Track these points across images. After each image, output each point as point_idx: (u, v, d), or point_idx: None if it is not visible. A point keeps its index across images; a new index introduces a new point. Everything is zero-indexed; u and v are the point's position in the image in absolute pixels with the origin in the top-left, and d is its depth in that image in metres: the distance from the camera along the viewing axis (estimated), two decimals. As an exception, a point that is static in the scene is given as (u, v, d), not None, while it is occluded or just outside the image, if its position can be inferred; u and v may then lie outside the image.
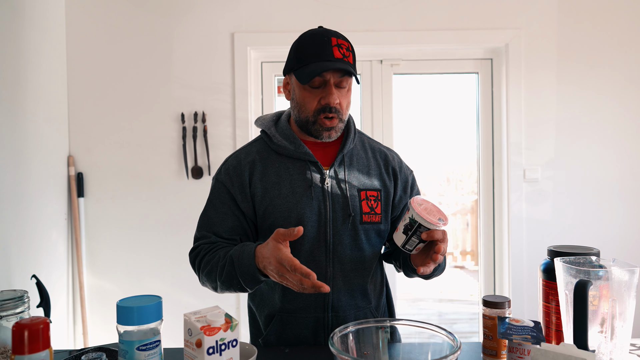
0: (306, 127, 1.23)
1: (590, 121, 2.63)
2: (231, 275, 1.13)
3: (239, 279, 1.11)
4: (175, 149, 2.58)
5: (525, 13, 2.61)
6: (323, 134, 1.21)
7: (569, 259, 1.02)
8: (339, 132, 1.24)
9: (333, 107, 1.18)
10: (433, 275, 1.27)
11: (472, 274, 5.45)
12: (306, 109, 1.21)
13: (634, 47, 2.62)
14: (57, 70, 2.50)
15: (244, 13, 2.58)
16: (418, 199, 1.10)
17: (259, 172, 1.24)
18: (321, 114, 1.19)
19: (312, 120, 1.21)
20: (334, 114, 1.19)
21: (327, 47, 1.16)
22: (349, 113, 1.28)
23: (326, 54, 1.15)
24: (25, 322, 0.71)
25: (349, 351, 0.87)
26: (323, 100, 1.18)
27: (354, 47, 1.22)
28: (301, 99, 1.21)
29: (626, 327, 0.95)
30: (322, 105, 1.18)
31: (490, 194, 2.77)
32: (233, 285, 1.14)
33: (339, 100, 1.19)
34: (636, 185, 2.64)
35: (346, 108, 1.23)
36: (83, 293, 2.52)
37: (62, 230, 2.48)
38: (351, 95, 1.25)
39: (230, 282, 1.14)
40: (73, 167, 2.54)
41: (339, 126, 1.22)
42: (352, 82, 1.23)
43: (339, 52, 1.16)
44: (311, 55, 1.16)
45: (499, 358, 1.06)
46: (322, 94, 1.18)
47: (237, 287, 1.15)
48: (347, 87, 1.21)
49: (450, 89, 2.92)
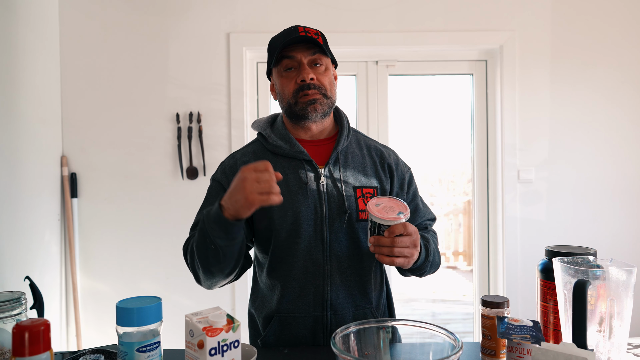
0: (292, 112, 1.24)
1: (584, 122, 2.65)
2: (204, 235, 1.06)
3: (209, 233, 1.04)
4: (170, 150, 2.57)
5: (519, 15, 2.63)
6: (307, 109, 1.22)
7: (567, 259, 1.03)
8: (326, 107, 1.24)
9: (310, 83, 1.20)
10: (426, 272, 1.25)
11: (465, 275, 5.47)
12: (286, 93, 1.24)
13: (626, 49, 2.65)
14: (51, 69, 2.48)
15: (239, 13, 2.58)
16: (374, 199, 1.11)
17: None
18: (300, 92, 1.21)
19: (293, 101, 1.23)
20: (314, 90, 1.21)
21: (294, 32, 1.21)
22: (336, 94, 1.30)
23: (292, 36, 1.20)
24: (26, 323, 0.70)
25: (350, 351, 0.87)
26: (298, 78, 1.21)
27: (325, 36, 1.27)
28: (281, 87, 1.25)
29: (624, 326, 0.95)
30: (299, 84, 1.21)
31: (484, 194, 2.78)
32: (207, 249, 1.06)
33: (315, 77, 1.22)
34: (629, 185, 2.67)
35: (330, 86, 1.25)
36: (76, 294, 2.50)
37: (55, 231, 2.46)
38: (332, 75, 1.28)
39: (205, 247, 1.06)
40: (66, 167, 2.52)
41: (323, 101, 1.23)
42: (328, 62, 1.26)
43: (306, 34, 1.20)
44: (279, 42, 1.22)
45: (498, 358, 1.06)
46: (297, 74, 1.22)
47: (210, 249, 1.06)
48: (323, 65, 1.24)
49: (445, 90, 2.93)
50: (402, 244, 1.06)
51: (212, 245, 1.05)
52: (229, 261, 1.10)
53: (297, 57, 1.21)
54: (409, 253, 1.07)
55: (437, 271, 1.31)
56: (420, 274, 1.26)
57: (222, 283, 1.19)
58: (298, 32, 1.20)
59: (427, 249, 1.21)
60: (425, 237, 1.27)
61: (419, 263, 1.17)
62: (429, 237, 1.30)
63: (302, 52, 1.21)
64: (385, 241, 1.06)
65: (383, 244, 1.06)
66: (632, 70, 2.65)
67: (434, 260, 1.25)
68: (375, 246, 1.08)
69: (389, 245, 1.05)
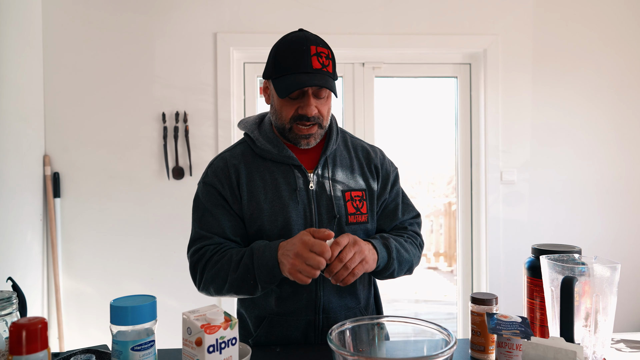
0: (283, 134, 1.24)
1: (564, 124, 2.72)
2: (247, 269, 1.11)
3: (255, 272, 1.09)
4: (155, 149, 2.54)
5: (502, 20, 2.69)
6: (301, 141, 1.22)
7: (554, 256, 1.06)
8: (319, 138, 1.24)
9: (311, 117, 1.18)
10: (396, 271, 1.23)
11: (446, 275, 5.54)
12: (283, 116, 1.21)
13: (605, 53, 2.73)
14: (33, 67, 2.43)
15: (226, 13, 2.57)
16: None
17: (245, 176, 1.24)
18: (297, 121, 1.19)
19: (288, 127, 1.21)
20: (312, 122, 1.19)
21: (306, 57, 1.14)
22: (330, 117, 1.28)
23: (304, 65, 1.13)
24: (23, 322, 0.69)
25: (346, 347, 0.89)
26: (301, 110, 1.18)
27: (333, 53, 1.22)
28: (279, 107, 1.21)
29: (608, 321, 0.99)
30: (300, 114, 1.19)
31: (468, 195, 2.83)
32: (246, 281, 1.11)
33: (317, 110, 1.19)
34: (607, 186, 2.75)
35: (327, 114, 1.23)
36: (59, 296, 2.46)
37: (37, 231, 2.41)
38: (331, 101, 1.25)
39: (243, 278, 1.11)
40: (49, 166, 2.48)
41: (318, 132, 1.22)
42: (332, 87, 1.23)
43: (318, 62, 1.15)
44: (289, 65, 1.15)
45: (487, 353, 1.09)
46: (299, 104, 1.18)
47: (249, 284, 1.11)
48: (325, 95, 1.20)
49: (430, 93, 2.97)
50: (348, 254, 1.06)
51: (251, 282, 1.12)
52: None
53: (304, 88, 1.16)
54: (359, 257, 1.08)
55: (413, 270, 1.30)
56: (392, 274, 1.24)
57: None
58: (310, 57, 1.14)
59: (387, 247, 1.19)
60: (384, 236, 1.24)
61: (382, 262, 1.16)
62: (389, 236, 1.25)
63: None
64: (335, 265, 1.05)
65: (336, 269, 1.06)
66: (610, 75, 2.73)
67: (402, 258, 1.22)
68: (332, 276, 1.07)
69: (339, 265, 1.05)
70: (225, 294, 1.18)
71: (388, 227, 1.34)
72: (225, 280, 1.15)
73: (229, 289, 1.15)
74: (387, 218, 1.34)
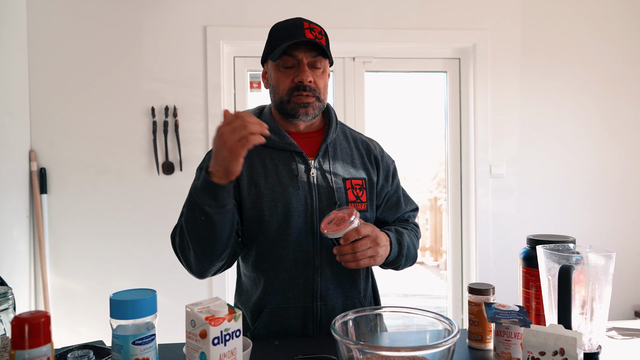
0: (282, 108, 1.24)
1: (551, 119, 2.76)
2: (191, 206, 1.05)
3: (197, 202, 1.03)
4: (145, 144, 2.51)
5: (491, 15, 2.71)
6: (299, 110, 1.22)
7: (550, 246, 1.08)
8: (317, 110, 1.24)
9: (307, 85, 1.19)
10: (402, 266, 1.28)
11: (432, 270, 5.60)
12: (280, 89, 1.22)
13: (591, 49, 2.77)
14: (18, 59, 2.38)
15: (216, 6, 2.54)
16: (325, 219, 1.15)
17: (245, 162, 1.23)
18: (295, 92, 1.20)
19: (286, 98, 1.22)
20: (309, 92, 1.20)
21: (299, 29, 1.19)
22: (327, 98, 1.29)
23: (298, 34, 1.18)
24: (26, 316, 0.68)
25: (349, 337, 0.89)
26: (296, 78, 1.20)
27: (327, 34, 1.25)
28: (276, 81, 1.23)
29: (603, 309, 1.01)
30: (296, 83, 1.20)
31: (458, 189, 2.86)
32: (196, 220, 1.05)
33: (313, 79, 1.20)
34: (593, 180, 2.80)
35: (324, 88, 1.24)
36: (46, 293, 2.42)
37: (23, 228, 2.37)
38: (327, 78, 1.27)
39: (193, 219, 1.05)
40: (35, 162, 2.43)
41: (316, 104, 1.23)
42: (327, 64, 1.25)
43: (311, 34, 1.18)
44: (283, 36, 1.19)
45: (484, 342, 1.10)
46: (295, 74, 1.20)
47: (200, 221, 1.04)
48: (321, 68, 1.22)
49: (420, 88, 2.99)
50: (362, 246, 1.10)
51: (202, 217, 1.03)
52: (220, 233, 1.07)
53: (299, 57, 1.19)
54: (372, 252, 1.11)
55: (414, 263, 1.34)
56: (396, 267, 1.28)
57: (215, 266, 1.15)
58: (303, 29, 1.18)
59: (399, 244, 1.23)
60: (400, 231, 1.28)
61: (392, 257, 1.20)
62: (404, 231, 1.30)
63: (304, 52, 1.19)
64: (345, 249, 1.10)
65: (344, 252, 1.10)
66: (595, 70, 2.78)
67: (409, 254, 1.27)
68: (339, 255, 1.12)
69: (349, 252, 1.09)
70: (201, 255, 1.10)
71: (392, 219, 1.36)
72: (184, 233, 1.09)
73: (191, 240, 1.08)
74: (390, 210, 1.36)
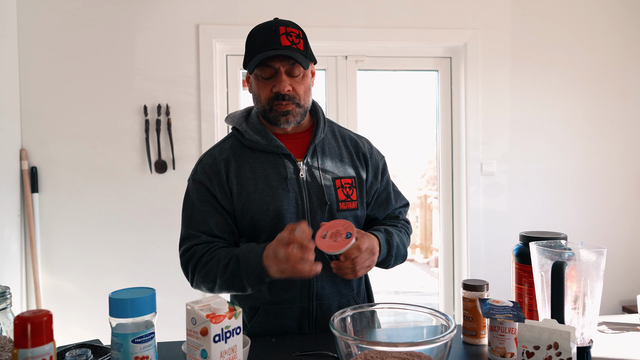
0: (265, 116, 1.25)
1: (541, 117, 2.80)
2: (234, 274, 1.12)
3: (242, 278, 1.11)
4: (137, 143, 2.50)
5: (481, 14, 2.74)
6: (280, 119, 1.22)
7: (542, 242, 1.10)
8: (298, 117, 1.25)
9: (285, 94, 1.19)
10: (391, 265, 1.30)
11: (422, 267, 5.64)
12: (262, 98, 1.23)
13: (579, 49, 2.81)
14: (8, 57, 2.36)
15: (209, 4, 2.54)
16: (319, 232, 1.14)
17: (234, 169, 1.24)
18: (275, 101, 1.21)
19: (267, 107, 1.22)
20: (288, 101, 1.21)
21: (275, 36, 1.17)
22: (311, 99, 1.29)
23: (273, 43, 1.16)
24: (28, 314, 0.68)
25: (347, 333, 0.90)
26: (274, 88, 1.20)
27: (305, 34, 1.23)
28: (257, 91, 1.24)
29: (595, 304, 1.03)
30: (274, 93, 1.20)
31: (449, 186, 2.89)
32: (234, 284, 1.14)
33: (291, 88, 1.20)
34: (581, 176, 2.84)
35: (304, 94, 1.24)
36: (38, 293, 2.40)
37: (14, 227, 2.35)
38: (309, 81, 1.26)
39: (232, 282, 1.13)
40: (26, 161, 2.41)
41: (296, 111, 1.23)
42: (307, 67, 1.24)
43: (287, 39, 1.17)
44: (259, 46, 1.18)
45: (479, 338, 1.12)
46: (273, 83, 1.20)
47: (238, 287, 1.14)
48: (300, 74, 1.21)
49: (412, 86, 3.01)
50: (362, 262, 1.12)
51: (240, 284, 1.13)
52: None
53: (275, 66, 1.18)
54: (369, 262, 1.15)
55: (404, 261, 1.36)
56: (386, 266, 1.30)
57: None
58: (279, 36, 1.16)
59: (389, 244, 1.24)
60: (389, 231, 1.28)
61: (381, 258, 1.22)
62: (393, 230, 1.30)
63: (280, 61, 1.18)
64: (346, 264, 1.12)
65: (345, 267, 1.12)
66: (583, 70, 2.82)
67: (398, 253, 1.28)
68: (337, 269, 1.13)
69: (349, 266, 1.12)
70: (217, 292, 1.20)
71: (382, 215, 1.36)
72: (214, 283, 1.17)
73: (219, 290, 1.19)
74: (380, 207, 1.36)
